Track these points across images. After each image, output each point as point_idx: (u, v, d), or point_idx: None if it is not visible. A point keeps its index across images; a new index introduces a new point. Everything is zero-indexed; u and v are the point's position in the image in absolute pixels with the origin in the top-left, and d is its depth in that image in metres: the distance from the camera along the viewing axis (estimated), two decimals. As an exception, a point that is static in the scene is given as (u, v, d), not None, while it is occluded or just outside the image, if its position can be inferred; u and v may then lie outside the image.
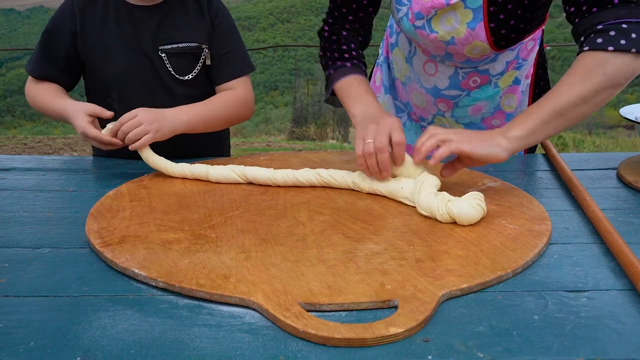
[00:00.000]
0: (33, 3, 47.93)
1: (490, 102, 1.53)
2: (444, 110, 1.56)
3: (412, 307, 0.77)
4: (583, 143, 9.95)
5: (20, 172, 1.41)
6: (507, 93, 1.52)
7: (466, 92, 1.50)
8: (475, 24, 1.32)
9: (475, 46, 1.36)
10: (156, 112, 1.39)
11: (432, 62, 1.50)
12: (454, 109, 1.55)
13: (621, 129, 12.76)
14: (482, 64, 1.45)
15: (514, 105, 1.55)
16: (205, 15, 1.58)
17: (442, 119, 1.59)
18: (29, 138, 8.36)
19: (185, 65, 1.56)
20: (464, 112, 1.55)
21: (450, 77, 1.49)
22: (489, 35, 1.33)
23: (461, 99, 1.52)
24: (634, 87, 13.29)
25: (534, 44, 1.49)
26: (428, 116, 1.61)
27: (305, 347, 0.71)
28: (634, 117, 1.36)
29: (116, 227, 1.03)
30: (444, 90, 1.52)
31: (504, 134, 1.12)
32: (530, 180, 1.33)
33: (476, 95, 1.51)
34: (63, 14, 1.54)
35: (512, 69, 1.48)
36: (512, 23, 1.31)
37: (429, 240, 0.97)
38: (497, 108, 1.55)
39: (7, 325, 0.76)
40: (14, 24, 45.74)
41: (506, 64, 1.46)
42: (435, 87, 1.53)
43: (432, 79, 1.52)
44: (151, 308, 0.80)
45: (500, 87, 1.51)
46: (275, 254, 0.93)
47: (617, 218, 1.10)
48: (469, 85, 1.49)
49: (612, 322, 0.76)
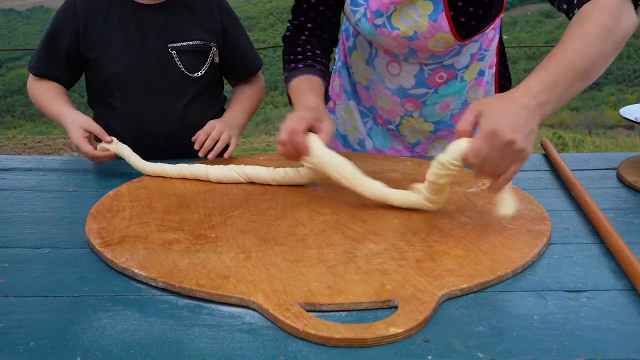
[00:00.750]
0: (33, 3, 47.96)
1: (457, 97, 1.51)
2: (411, 111, 1.53)
3: (412, 307, 0.77)
4: (583, 143, 9.96)
5: (20, 172, 1.41)
6: (474, 86, 1.52)
7: (433, 89, 1.49)
8: (437, 15, 1.31)
9: (439, 38, 1.35)
10: (222, 120, 1.52)
11: (395, 61, 1.48)
12: (422, 108, 1.52)
13: (621, 129, 12.77)
14: (447, 59, 1.44)
15: (480, 98, 1.54)
16: (215, 13, 1.59)
17: (411, 120, 1.56)
18: (29, 138, 8.36)
19: (194, 62, 1.58)
20: (432, 111, 1.53)
21: (416, 75, 1.47)
22: (452, 25, 1.32)
23: (429, 97, 1.50)
24: (634, 87, 13.29)
25: (494, 34, 1.49)
26: (395, 118, 1.58)
27: (305, 347, 0.71)
28: (634, 117, 1.36)
29: (116, 227, 1.03)
30: (411, 90, 1.49)
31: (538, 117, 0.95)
32: (530, 180, 1.33)
33: (443, 92, 1.49)
34: (66, 12, 1.55)
35: (476, 60, 1.48)
36: (470, 10, 1.31)
37: (429, 240, 0.97)
38: (465, 103, 1.53)
39: (7, 325, 0.76)
40: (14, 24, 45.76)
41: (470, 56, 1.46)
42: (401, 87, 1.50)
43: (396, 79, 1.50)
44: (151, 308, 0.80)
45: (467, 81, 1.50)
46: (275, 254, 0.93)
47: (617, 218, 1.10)
48: (435, 81, 1.48)
49: (612, 322, 0.76)
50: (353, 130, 1.67)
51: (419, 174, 1.30)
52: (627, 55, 36.18)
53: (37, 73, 1.57)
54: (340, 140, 1.71)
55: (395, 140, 1.62)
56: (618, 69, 35.39)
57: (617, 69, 35.47)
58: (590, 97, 29.46)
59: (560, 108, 1.02)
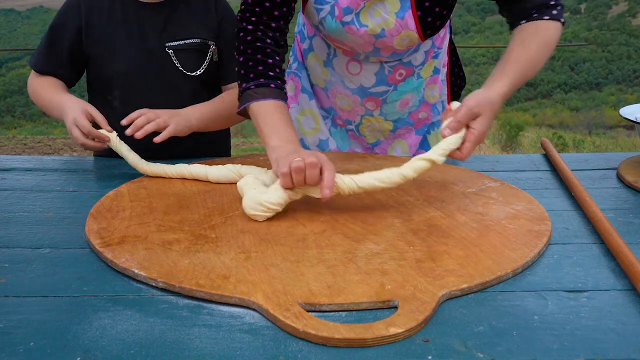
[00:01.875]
0: (33, 3, 47.98)
1: (415, 94, 1.54)
2: (372, 109, 1.55)
3: (412, 307, 0.77)
4: (583, 143, 9.97)
5: (20, 172, 1.41)
6: (430, 84, 1.55)
7: (393, 87, 1.51)
8: (404, 13, 1.32)
9: (405, 36, 1.36)
10: (170, 110, 1.43)
11: (356, 61, 1.48)
12: (382, 106, 1.54)
13: (621, 129, 12.77)
14: (405, 56, 1.46)
15: (436, 96, 1.57)
16: (212, 12, 1.58)
17: (370, 119, 1.57)
18: (29, 138, 8.37)
19: (192, 61, 1.56)
20: (392, 108, 1.54)
21: (377, 74, 1.49)
22: (418, 24, 1.33)
23: (389, 94, 1.52)
24: (634, 87, 13.28)
25: (445, 32, 1.52)
26: (355, 118, 1.58)
27: (305, 347, 0.71)
28: (634, 117, 1.36)
29: (116, 228, 1.03)
30: (371, 88, 1.51)
31: (496, 102, 1.18)
32: (530, 180, 1.33)
33: (402, 89, 1.51)
34: (68, 9, 1.55)
35: (431, 58, 1.51)
36: (437, 10, 1.33)
37: (429, 240, 0.97)
38: (422, 100, 1.56)
39: (7, 325, 0.76)
40: (14, 24, 45.79)
41: (425, 53, 1.48)
42: (361, 87, 1.51)
43: (356, 78, 1.50)
44: (151, 308, 0.80)
45: (423, 78, 1.53)
46: (275, 254, 0.93)
47: (617, 218, 1.10)
48: (395, 79, 1.50)
49: (612, 322, 0.76)
50: (313, 131, 1.64)
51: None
52: (627, 55, 36.21)
53: (39, 70, 1.56)
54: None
55: (354, 141, 1.63)
56: (618, 69, 35.41)
57: (617, 69, 35.50)
58: (590, 97, 29.47)
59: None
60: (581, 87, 34.96)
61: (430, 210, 1.10)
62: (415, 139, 1.61)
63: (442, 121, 1.17)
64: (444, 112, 1.20)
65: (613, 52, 37.45)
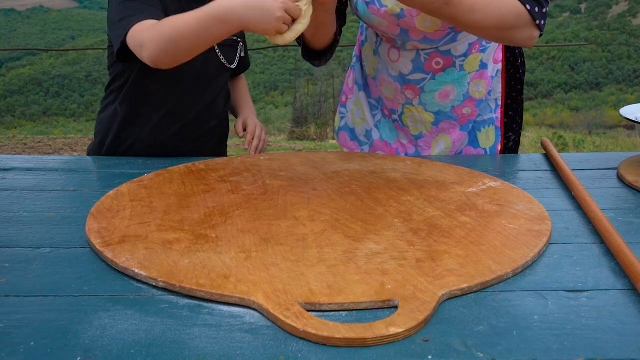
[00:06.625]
0: (33, 3, 47.97)
1: (457, 86, 1.53)
2: (411, 98, 1.57)
3: (412, 306, 0.77)
4: (583, 143, 9.97)
5: (20, 172, 1.41)
6: (475, 78, 1.54)
7: (430, 75, 1.52)
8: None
9: (425, 16, 1.37)
10: (253, 116, 1.77)
11: (395, 47, 1.53)
12: (421, 95, 1.56)
13: (621, 129, 12.78)
14: (442, 44, 1.47)
15: (483, 91, 1.56)
16: None
17: (411, 108, 1.60)
18: (29, 138, 8.36)
19: (228, 55, 1.66)
20: (431, 98, 1.56)
21: (413, 60, 1.52)
22: None
23: (426, 83, 1.53)
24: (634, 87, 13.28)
25: None
26: (398, 107, 1.62)
27: (305, 347, 0.71)
28: (634, 117, 1.36)
29: (116, 227, 1.03)
30: (409, 75, 1.54)
31: None
32: (530, 180, 1.33)
33: (441, 79, 1.52)
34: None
35: (476, 51, 1.50)
36: None
37: (429, 240, 0.97)
38: (467, 95, 1.55)
39: (7, 325, 0.76)
40: (14, 24, 45.76)
41: (468, 45, 1.48)
42: (400, 74, 1.55)
43: (396, 65, 1.55)
44: (151, 308, 0.80)
45: (467, 71, 1.52)
46: (275, 254, 0.93)
47: (617, 218, 1.10)
48: (432, 67, 1.51)
49: (612, 322, 0.76)
50: (360, 121, 1.73)
51: (419, 173, 1.30)
52: (627, 55, 36.17)
53: (157, 16, 1.36)
54: (347, 133, 1.77)
55: (400, 132, 1.67)
56: (618, 69, 35.37)
57: (617, 69, 35.47)
58: (590, 97, 29.46)
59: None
60: (581, 86, 34.97)
61: (430, 209, 1.10)
62: (459, 135, 1.61)
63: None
64: None
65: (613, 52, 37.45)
